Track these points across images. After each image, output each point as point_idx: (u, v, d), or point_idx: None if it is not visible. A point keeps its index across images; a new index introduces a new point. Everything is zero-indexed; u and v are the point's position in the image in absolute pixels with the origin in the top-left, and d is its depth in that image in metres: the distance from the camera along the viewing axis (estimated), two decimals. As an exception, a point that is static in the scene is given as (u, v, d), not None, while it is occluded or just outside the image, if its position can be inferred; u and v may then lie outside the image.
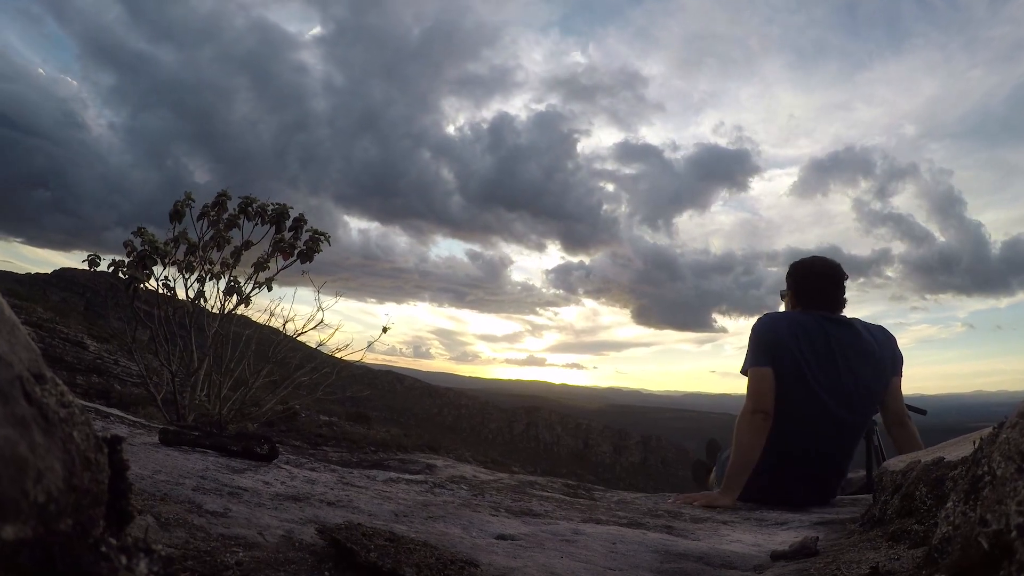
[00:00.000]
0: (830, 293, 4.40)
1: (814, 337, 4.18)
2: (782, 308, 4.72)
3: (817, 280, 4.45)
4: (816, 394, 4.10)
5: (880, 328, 4.38)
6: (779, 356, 4.15)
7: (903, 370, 4.34)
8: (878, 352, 4.23)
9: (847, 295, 4.42)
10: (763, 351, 4.21)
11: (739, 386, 4.45)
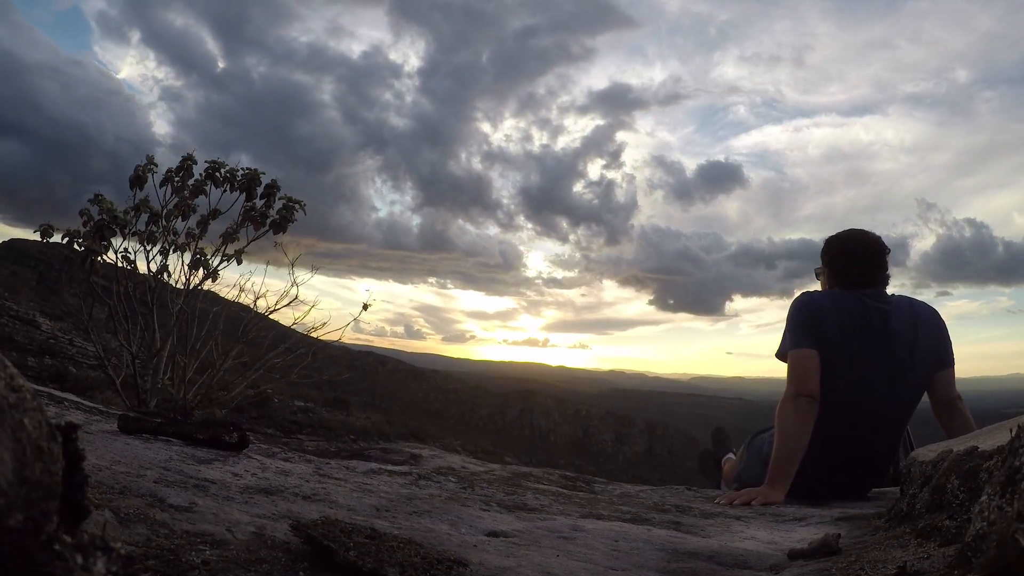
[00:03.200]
0: (870, 270, 4.35)
1: (856, 317, 4.15)
2: (818, 288, 4.66)
3: (855, 256, 4.39)
4: (859, 378, 4.09)
5: (927, 308, 4.33)
6: (821, 337, 4.12)
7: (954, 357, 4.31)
8: (923, 334, 4.20)
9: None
10: (804, 330, 4.17)
11: (754, 368, 4.46)
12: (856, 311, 4.17)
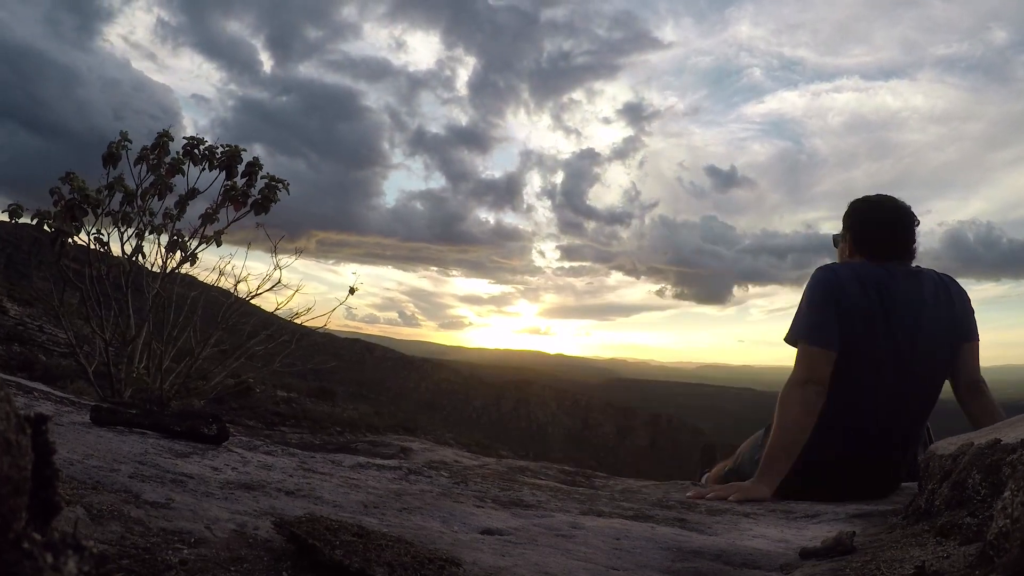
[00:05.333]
0: (898, 240, 4.18)
1: (880, 294, 3.94)
2: (836, 258, 4.48)
3: (882, 224, 4.22)
4: (880, 363, 3.92)
5: (952, 280, 4.18)
6: (841, 318, 3.92)
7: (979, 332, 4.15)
8: (951, 310, 4.04)
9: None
10: (823, 318, 3.98)
11: (765, 356, 4.42)
12: (881, 287, 3.96)
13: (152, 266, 6.31)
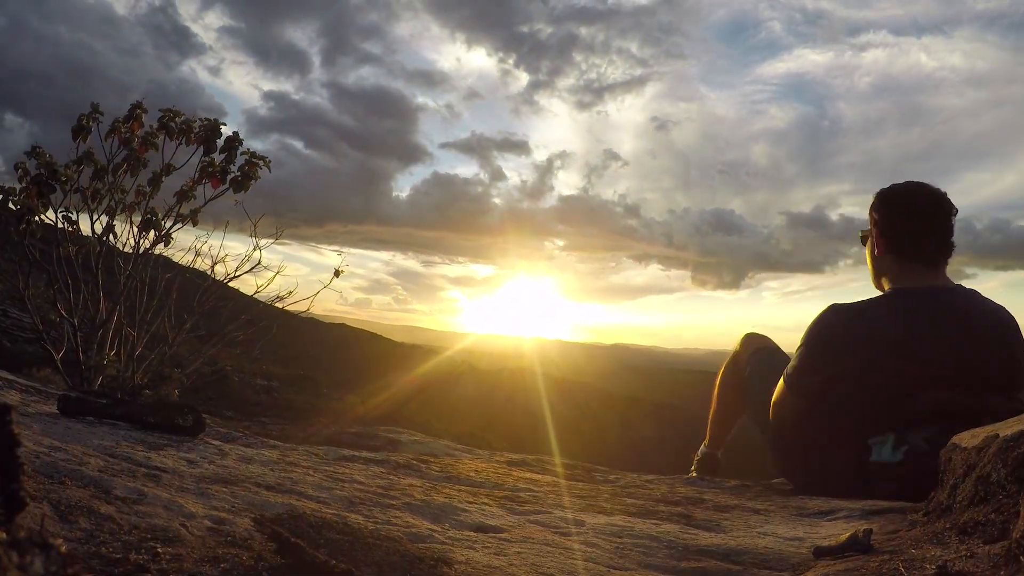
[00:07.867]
0: (933, 236, 3.86)
1: (904, 339, 3.70)
2: (865, 257, 4.21)
3: (914, 217, 3.91)
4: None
5: (1002, 309, 3.86)
6: (855, 368, 3.71)
7: None
8: (1005, 345, 3.76)
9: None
10: (810, 371, 3.87)
11: (778, 342, 4.37)
12: (914, 320, 3.74)
13: (124, 247, 6.29)
